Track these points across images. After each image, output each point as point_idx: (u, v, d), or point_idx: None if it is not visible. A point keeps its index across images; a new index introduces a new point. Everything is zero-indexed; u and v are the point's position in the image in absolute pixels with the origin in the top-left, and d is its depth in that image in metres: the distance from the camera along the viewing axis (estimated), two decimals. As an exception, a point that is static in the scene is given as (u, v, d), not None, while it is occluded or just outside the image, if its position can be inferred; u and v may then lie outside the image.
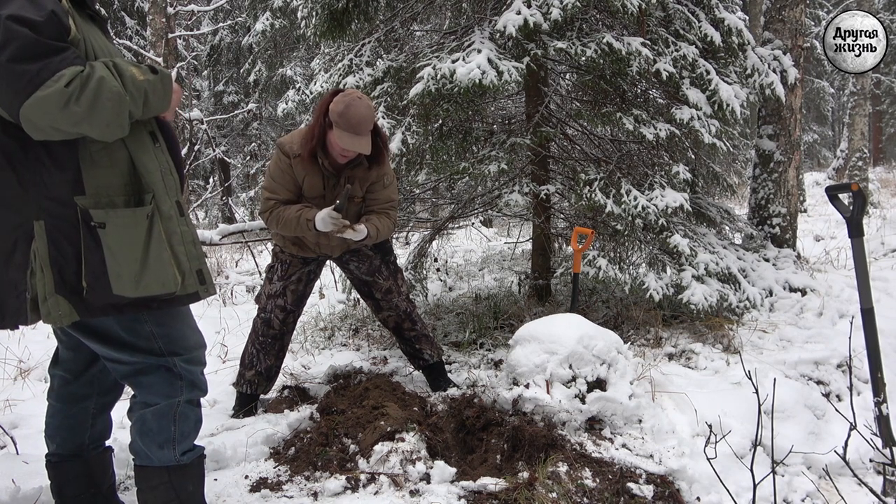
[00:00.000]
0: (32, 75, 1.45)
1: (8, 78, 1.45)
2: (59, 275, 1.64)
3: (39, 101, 1.45)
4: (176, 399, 1.85)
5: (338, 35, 4.63)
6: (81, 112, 1.50)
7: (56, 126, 1.50)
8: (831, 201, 2.97)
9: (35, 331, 5.47)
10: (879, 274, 5.30)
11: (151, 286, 1.69)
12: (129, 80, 1.59)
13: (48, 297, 1.63)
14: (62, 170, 1.61)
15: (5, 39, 1.44)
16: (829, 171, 13.95)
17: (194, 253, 1.79)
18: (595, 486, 2.31)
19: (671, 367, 3.43)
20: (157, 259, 1.69)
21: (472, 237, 9.85)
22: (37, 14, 1.48)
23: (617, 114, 3.86)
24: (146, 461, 1.87)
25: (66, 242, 1.64)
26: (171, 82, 1.75)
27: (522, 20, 3.50)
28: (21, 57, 1.44)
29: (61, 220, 1.63)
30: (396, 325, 3.30)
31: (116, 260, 1.65)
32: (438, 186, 5.62)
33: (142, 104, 1.64)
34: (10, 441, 2.75)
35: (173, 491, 1.87)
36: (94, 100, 1.51)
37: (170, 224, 1.74)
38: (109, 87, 1.54)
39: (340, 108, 2.65)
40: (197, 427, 1.95)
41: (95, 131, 1.56)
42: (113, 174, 1.66)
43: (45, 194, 1.61)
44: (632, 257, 4.40)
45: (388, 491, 2.30)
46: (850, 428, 1.79)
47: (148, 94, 1.65)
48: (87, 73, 1.51)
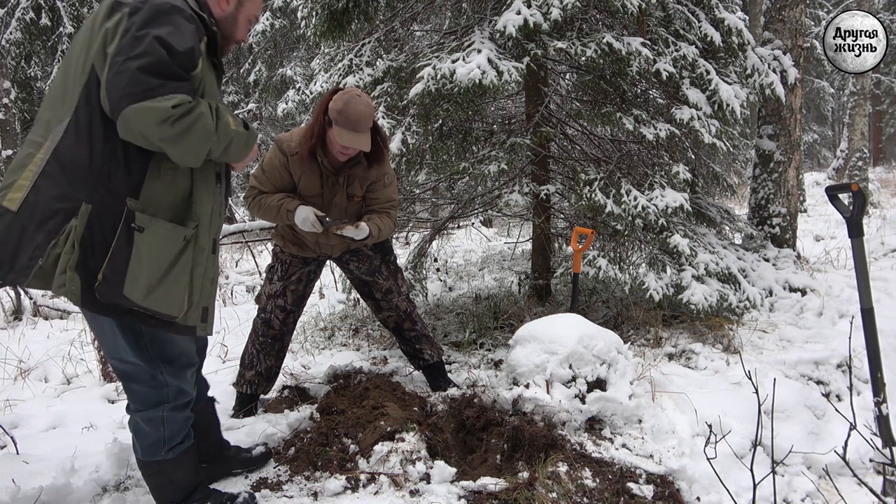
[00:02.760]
0: (151, 87, 1.62)
1: (130, 80, 1.61)
2: (83, 256, 1.72)
3: (145, 110, 1.61)
4: (162, 406, 2.00)
5: (338, 35, 4.63)
6: (173, 133, 1.66)
7: (146, 135, 1.66)
8: (831, 201, 2.97)
9: (35, 331, 5.48)
10: (879, 274, 5.30)
11: (158, 302, 1.78)
12: (222, 125, 1.79)
13: (68, 271, 1.71)
14: (129, 171, 1.75)
15: (144, 51, 1.63)
16: (829, 171, 13.95)
17: (209, 290, 1.93)
18: (595, 486, 2.31)
19: (671, 367, 3.43)
20: (175, 281, 1.81)
21: (472, 237, 9.85)
22: (178, 44, 1.69)
23: (617, 114, 3.86)
24: (140, 455, 2.07)
25: (103, 232, 1.73)
26: (255, 141, 1.95)
27: (522, 20, 3.50)
28: (149, 70, 1.63)
29: (107, 212, 1.74)
30: (397, 325, 3.30)
31: (140, 264, 1.74)
32: (438, 186, 5.62)
33: (223, 148, 1.83)
34: (10, 441, 2.75)
35: (167, 478, 2.09)
36: (187, 128, 1.68)
37: (200, 256, 1.88)
38: (204, 123, 1.72)
39: (340, 106, 2.65)
40: (186, 424, 2.09)
41: (174, 152, 1.73)
42: (168, 192, 1.81)
43: (105, 184, 1.73)
44: (632, 257, 4.40)
45: (388, 491, 2.30)
46: (850, 428, 1.79)
47: (232, 143, 1.85)
48: (193, 105, 1.69)
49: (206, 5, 1.92)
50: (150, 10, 1.69)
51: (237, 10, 2.01)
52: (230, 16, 2.01)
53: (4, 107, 13.12)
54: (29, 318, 5.98)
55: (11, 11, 13.97)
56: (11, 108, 13.65)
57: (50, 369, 4.13)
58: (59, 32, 14.24)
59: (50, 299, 6.25)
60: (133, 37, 1.65)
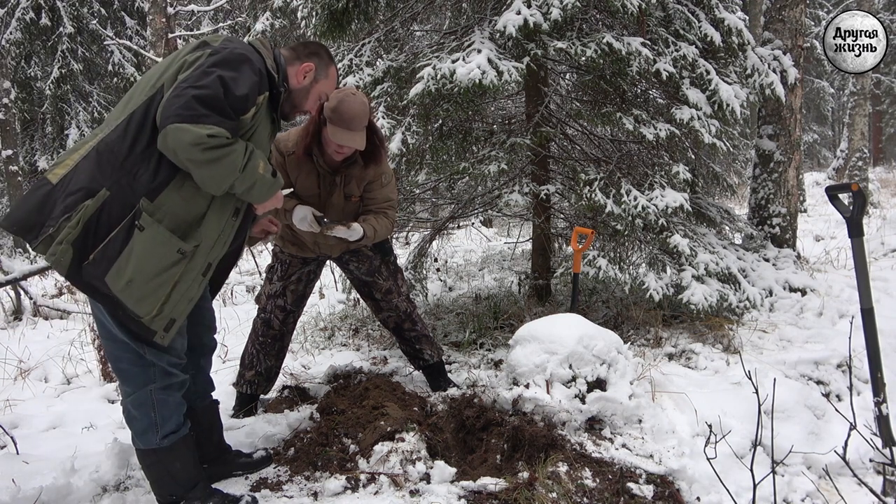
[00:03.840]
0: (198, 115, 1.81)
1: (184, 104, 1.81)
2: (83, 234, 1.86)
3: (184, 131, 1.80)
4: (150, 387, 2.06)
5: (338, 35, 4.62)
6: (200, 159, 1.83)
7: (176, 151, 1.83)
8: (831, 201, 2.96)
9: (35, 331, 5.49)
10: (879, 274, 5.30)
11: (132, 298, 1.90)
12: (251, 166, 1.95)
13: (63, 243, 1.85)
14: (155, 176, 1.91)
15: (206, 84, 1.85)
16: (829, 171, 13.94)
17: (182, 308, 2.02)
18: (595, 486, 2.31)
19: (671, 367, 3.43)
20: (156, 287, 1.92)
21: (472, 237, 9.85)
22: (236, 88, 1.90)
23: (617, 114, 3.86)
24: (137, 444, 2.12)
25: (109, 219, 1.87)
26: (279, 189, 2.11)
27: (522, 20, 3.50)
28: (203, 100, 1.83)
29: (120, 203, 1.88)
30: (396, 325, 3.29)
31: (129, 259, 1.87)
32: (438, 186, 5.62)
33: (246, 187, 1.98)
34: (10, 441, 2.75)
35: (164, 468, 2.13)
36: (216, 158, 1.85)
37: (189, 274, 1.98)
38: (233, 159, 1.89)
39: (334, 104, 2.65)
40: (179, 409, 2.15)
41: (197, 174, 1.89)
42: (182, 207, 1.94)
43: (128, 178, 1.89)
44: (632, 257, 4.39)
45: (388, 491, 2.30)
46: (850, 428, 1.79)
47: (255, 185, 2.00)
48: (228, 141, 1.87)
49: (283, 68, 2.14)
50: (225, 55, 1.92)
51: (311, 85, 2.24)
52: (304, 89, 2.24)
53: (4, 107, 13.11)
54: (29, 318, 5.98)
55: (11, 11, 13.96)
56: (11, 108, 13.64)
57: (50, 369, 4.14)
58: (59, 32, 14.23)
59: (50, 299, 6.25)
60: (202, 71, 1.87)
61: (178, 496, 2.14)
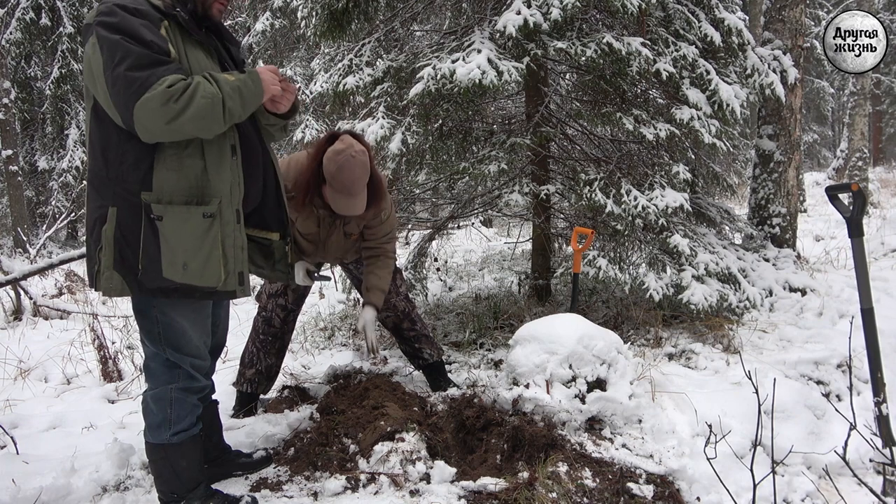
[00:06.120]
0: (143, 80, 1.76)
1: (124, 85, 1.76)
2: (119, 254, 1.91)
3: (146, 101, 1.75)
4: (172, 386, 2.10)
5: (338, 35, 4.62)
6: (178, 108, 1.78)
7: (158, 123, 1.78)
8: (831, 201, 2.96)
9: (35, 331, 5.49)
10: (879, 274, 5.29)
11: (195, 276, 1.93)
12: (223, 83, 1.88)
13: (105, 271, 1.91)
14: (137, 168, 1.89)
15: (122, 55, 1.77)
16: (829, 171, 13.94)
17: (241, 257, 2.05)
18: (595, 486, 2.31)
19: (671, 367, 3.43)
20: (208, 255, 1.94)
21: (472, 237, 9.85)
22: (140, 37, 1.80)
23: (617, 114, 3.86)
24: (148, 438, 2.14)
25: (130, 228, 1.91)
26: (258, 76, 1.99)
27: (522, 20, 3.50)
28: (133, 68, 1.76)
29: (129, 210, 1.90)
30: (395, 325, 3.30)
31: (170, 247, 1.90)
32: (438, 186, 5.62)
33: (239, 101, 1.92)
34: (10, 441, 2.75)
35: (170, 466, 2.14)
36: (190, 98, 1.79)
37: (227, 228, 1.99)
38: (204, 87, 1.83)
39: (333, 170, 2.55)
40: (193, 412, 2.17)
41: (193, 125, 1.83)
42: (178, 178, 1.91)
43: (121, 185, 1.90)
44: (632, 257, 4.39)
45: (388, 491, 2.30)
46: (850, 428, 1.79)
47: (241, 90, 1.92)
48: (187, 80, 1.82)
49: None
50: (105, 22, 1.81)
51: None
52: None
53: (4, 107, 13.10)
54: (29, 318, 5.98)
55: (11, 11, 13.97)
56: (11, 108, 13.63)
57: (50, 369, 4.14)
58: (59, 32, 14.24)
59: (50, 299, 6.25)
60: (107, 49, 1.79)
61: (180, 495, 2.15)
